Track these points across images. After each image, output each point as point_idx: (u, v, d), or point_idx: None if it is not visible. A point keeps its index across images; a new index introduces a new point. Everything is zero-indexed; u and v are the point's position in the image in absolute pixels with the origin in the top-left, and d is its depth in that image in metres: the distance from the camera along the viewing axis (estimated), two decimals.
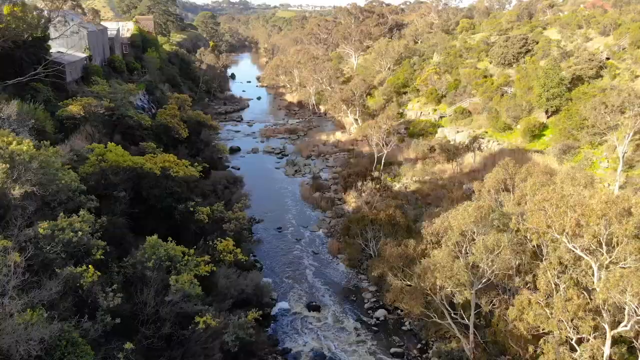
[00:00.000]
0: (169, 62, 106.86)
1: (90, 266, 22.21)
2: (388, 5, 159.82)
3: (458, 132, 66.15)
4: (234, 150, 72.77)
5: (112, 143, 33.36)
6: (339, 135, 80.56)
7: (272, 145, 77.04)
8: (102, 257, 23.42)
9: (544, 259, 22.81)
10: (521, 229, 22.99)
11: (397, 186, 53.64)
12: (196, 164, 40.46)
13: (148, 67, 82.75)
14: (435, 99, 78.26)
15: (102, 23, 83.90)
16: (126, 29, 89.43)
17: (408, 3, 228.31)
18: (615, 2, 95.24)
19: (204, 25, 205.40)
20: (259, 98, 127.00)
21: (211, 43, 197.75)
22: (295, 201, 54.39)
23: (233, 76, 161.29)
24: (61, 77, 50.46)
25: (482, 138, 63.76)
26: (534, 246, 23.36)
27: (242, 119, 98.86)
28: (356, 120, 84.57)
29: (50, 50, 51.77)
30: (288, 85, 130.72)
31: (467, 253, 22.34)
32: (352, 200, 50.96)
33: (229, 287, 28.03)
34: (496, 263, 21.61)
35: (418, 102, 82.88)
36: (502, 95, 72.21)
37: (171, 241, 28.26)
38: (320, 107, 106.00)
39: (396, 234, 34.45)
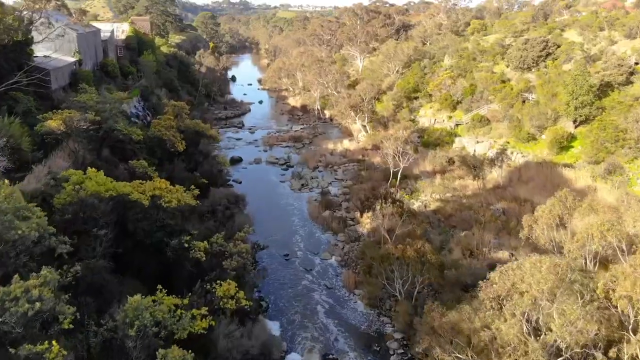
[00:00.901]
0: (167, 64, 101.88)
1: (54, 342, 17.29)
2: (393, 5, 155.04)
3: (478, 142, 61.14)
4: (236, 161, 67.74)
5: (92, 169, 28.32)
6: (346, 144, 75.55)
7: (276, 154, 72.00)
8: (71, 325, 18.47)
9: (629, 327, 17.98)
10: (613, 298, 18.08)
11: (415, 204, 48.60)
12: (192, 187, 35.41)
13: (144, 71, 77.80)
14: (450, 105, 73.25)
15: (94, 24, 78.97)
16: (121, 30, 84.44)
17: (412, 3, 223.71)
18: (637, 3, 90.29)
19: (204, 26, 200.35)
20: (260, 102, 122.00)
21: (211, 44, 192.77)
22: (303, 220, 49.36)
23: (234, 78, 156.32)
24: (46, 84, 45.55)
25: (505, 149, 58.75)
26: (619, 311, 18.53)
27: (243, 125, 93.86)
28: (364, 127, 79.57)
29: (35, 55, 46.90)
30: (291, 89, 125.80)
31: (539, 323, 17.54)
32: (366, 222, 45.95)
33: (230, 349, 23.08)
34: (575, 336, 16.82)
35: (431, 108, 77.87)
36: (524, 102, 67.20)
37: (161, 290, 23.38)
38: (325, 111, 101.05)
39: (426, 271, 29.49)
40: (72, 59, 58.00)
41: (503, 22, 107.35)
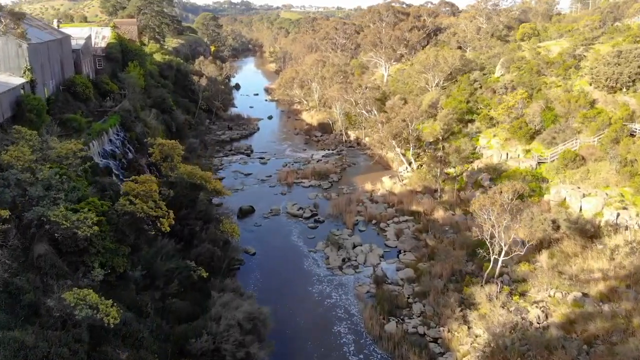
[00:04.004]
0: (161, 75, 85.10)
1: None
2: (420, 5, 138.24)
3: (584, 195, 44.09)
4: (246, 213, 50.74)
5: None
6: (388, 183, 58.57)
7: (298, 199, 55.02)
8: None
9: None
10: None
11: (530, 312, 31.50)
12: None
13: (128, 89, 60.99)
14: (527, 136, 56.23)
15: (62, 29, 62.15)
16: (101, 36, 67.65)
17: (431, 4, 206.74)
18: None
19: (205, 28, 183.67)
20: (270, 117, 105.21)
21: (213, 47, 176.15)
22: (355, 334, 31.82)
23: (237, 87, 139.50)
24: None
25: (625, 208, 41.83)
26: None
27: (252, 152, 76.96)
28: (410, 162, 62.62)
29: None
30: (305, 101, 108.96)
31: None
32: (460, 347, 28.99)
33: None
34: None
35: (495, 136, 60.87)
36: (632, 135, 50.29)
37: None
38: (350, 132, 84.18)
39: None
40: (18, 81, 41.17)
41: (560, 26, 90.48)
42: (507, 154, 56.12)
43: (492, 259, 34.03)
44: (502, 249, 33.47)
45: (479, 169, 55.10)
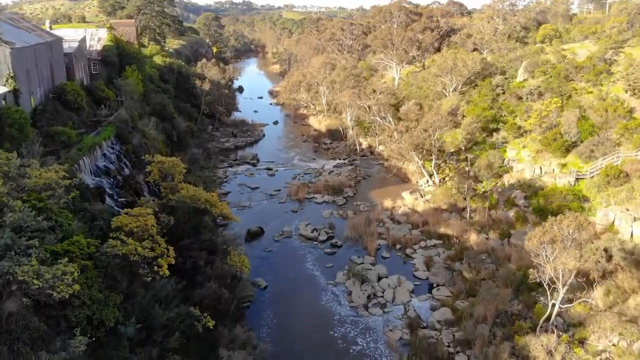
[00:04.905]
0: (161, 79, 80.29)
1: None
2: (427, 5, 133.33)
3: (635, 219, 39.14)
4: (254, 235, 45.75)
5: None
6: (409, 200, 53.64)
7: (311, 218, 50.10)
8: None
9: None
10: None
11: None
12: None
13: (125, 95, 56.15)
14: (562, 148, 51.23)
15: (54, 30, 57.36)
16: (96, 38, 62.81)
17: (438, 4, 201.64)
18: None
19: (207, 29, 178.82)
20: (275, 122, 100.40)
21: (215, 48, 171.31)
22: None
23: (240, 89, 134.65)
24: None
25: None
26: None
27: (258, 161, 72.09)
28: (431, 174, 57.73)
29: None
30: (312, 105, 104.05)
31: None
32: None
33: None
34: None
35: (525, 147, 55.91)
36: None
37: None
38: (362, 139, 79.26)
39: None
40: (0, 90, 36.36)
41: (584, 28, 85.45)
42: (541, 168, 51.13)
43: (549, 303, 29.05)
44: (561, 294, 28.49)
45: (510, 185, 50.12)
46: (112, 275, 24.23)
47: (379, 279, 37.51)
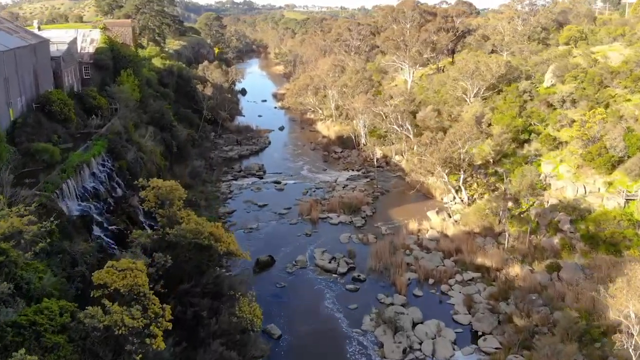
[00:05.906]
0: (160, 83, 74.80)
1: None
2: (435, 5, 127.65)
3: None
4: (264, 266, 40.13)
5: None
6: (436, 221, 48.06)
7: (327, 242, 44.49)
8: None
9: None
10: None
11: None
12: None
13: (120, 103, 50.61)
14: (607, 164, 45.62)
15: (43, 31, 51.90)
16: (89, 40, 57.28)
17: (445, 4, 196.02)
18: None
19: (208, 29, 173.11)
20: (281, 128, 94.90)
21: (216, 49, 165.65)
22: None
23: (243, 92, 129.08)
24: None
25: None
26: None
27: (265, 173, 66.53)
28: (457, 190, 52.17)
29: None
30: (319, 110, 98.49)
31: None
32: None
33: None
34: None
35: (562, 162, 50.30)
36: None
37: None
38: (376, 148, 73.56)
39: None
40: None
41: (611, 30, 79.88)
42: (585, 187, 45.51)
43: None
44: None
45: (552, 206, 44.48)
46: (91, 351, 18.68)
47: (414, 324, 31.89)
